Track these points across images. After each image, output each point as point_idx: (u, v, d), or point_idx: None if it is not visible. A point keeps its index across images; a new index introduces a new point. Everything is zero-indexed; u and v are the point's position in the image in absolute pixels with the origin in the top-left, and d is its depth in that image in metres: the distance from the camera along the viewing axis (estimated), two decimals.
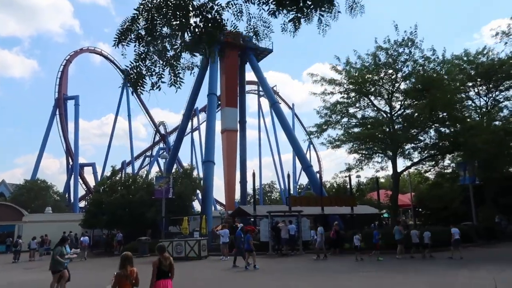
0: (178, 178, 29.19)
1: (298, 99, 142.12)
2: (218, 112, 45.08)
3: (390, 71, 19.29)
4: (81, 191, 56.15)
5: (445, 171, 26.49)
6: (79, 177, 53.41)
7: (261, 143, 67.97)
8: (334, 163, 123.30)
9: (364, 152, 20.90)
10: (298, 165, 76.45)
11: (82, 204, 56.13)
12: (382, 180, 60.91)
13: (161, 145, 71.28)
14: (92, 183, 57.31)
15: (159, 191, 25.26)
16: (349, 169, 21.52)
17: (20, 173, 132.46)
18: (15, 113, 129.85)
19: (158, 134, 70.28)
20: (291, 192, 72.66)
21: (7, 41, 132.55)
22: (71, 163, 53.89)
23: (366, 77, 18.83)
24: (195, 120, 66.24)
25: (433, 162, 23.79)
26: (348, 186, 40.10)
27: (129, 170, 56.93)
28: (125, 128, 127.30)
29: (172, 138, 68.25)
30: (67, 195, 55.10)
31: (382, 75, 19.21)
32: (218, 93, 41.41)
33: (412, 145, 20.27)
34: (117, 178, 30.53)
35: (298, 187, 79.85)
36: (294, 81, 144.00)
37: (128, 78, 5.13)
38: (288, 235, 19.00)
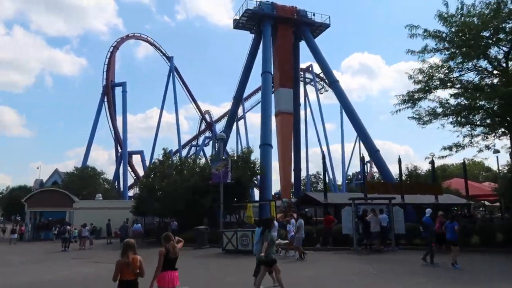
0: (234, 162, 26.34)
1: None
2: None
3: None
4: (130, 180, 55.37)
5: None
6: (128, 165, 52.49)
7: (307, 132, 63.62)
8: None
9: (475, 124, 16.80)
10: (347, 155, 72.12)
11: (131, 193, 55.33)
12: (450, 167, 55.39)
13: (207, 133, 69.30)
14: (141, 172, 56.53)
15: (217, 175, 22.50)
16: (449, 147, 17.45)
17: (72, 165, 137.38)
18: (66, 108, 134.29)
19: (204, 122, 68.22)
20: (338, 182, 68.71)
21: (57, 41, 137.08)
22: (120, 151, 53.05)
23: (485, 26, 14.61)
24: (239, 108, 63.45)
25: None
26: (420, 172, 36.21)
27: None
28: (168, 121, 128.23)
29: (218, 127, 66.21)
30: (116, 183, 54.46)
31: (502, 25, 14.94)
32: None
33: None
34: (169, 162, 28.18)
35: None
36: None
37: None
38: (379, 227, 15.50)
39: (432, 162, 24.52)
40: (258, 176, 29.70)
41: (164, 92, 58.06)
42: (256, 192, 44.13)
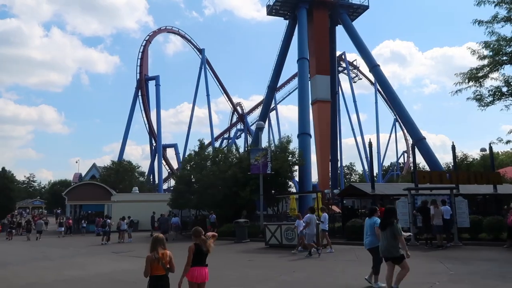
0: (272, 153, 25.22)
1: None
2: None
3: None
4: (164, 173, 55.54)
5: None
6: (162, 159, 52.55)
7: (341, 122, 61.52)
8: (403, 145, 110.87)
9: None
10: (382, 146, 69.17)
11: (165, 186, 55.54)
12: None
13: (239, 126, 68.47)
14: (175, 165, 56.60)
15: (256, 166, 21.49)
16: None
17: (109, 159, 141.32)
18: (102, 105, 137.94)
19: (236, 114, 67.34)
20: (373, 173, 65.72)
21: (92, 40, 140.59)
22: (154, 144, 53.17)
23: None
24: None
25: None
26: (470, 160, 33.76)
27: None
28: (198, 116, 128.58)
29: (249, 119, 65.20)
30: (151, 177, 54.79)
31: None
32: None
33: None
34: (206, 153, 27.47)
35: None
36: (360, 61, 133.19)
37: None
38: (441, 220, 13.93)
39: (490, 149, 22.43)
40: (296, 167, 28.51)
41: (196, 84, 57.83)
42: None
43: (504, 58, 15.11)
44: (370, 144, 20.28)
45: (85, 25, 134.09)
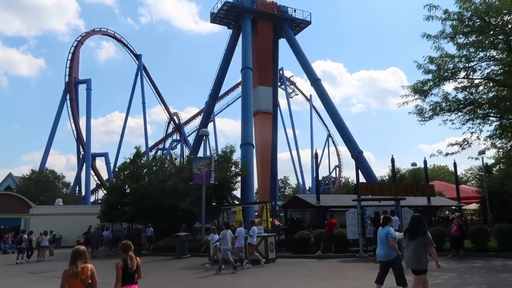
0: (216, 162, 24.10)
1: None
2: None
3: None
4: (92, 184, 51.40)
5: None
6: (91, 168, 48.57)
7: (278, 137, 62.42)
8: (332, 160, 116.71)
9: (490, 116, 15.65)
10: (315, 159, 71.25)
11: (92, 198, 51.41)
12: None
13: (175, 136, 66.25)
14: (104, 176, 52.82)
15: (199, 176, 20.21)
16: (461, 145, 16.15)
17: (27, 170, 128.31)
18: (23, 111, 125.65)
19: (173, 123, 65.01)
20: (305, 186, 67.49)
21: (14, 40, 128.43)
22: (82, 152, 49.06)
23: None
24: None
25: None
26: (403, 173, 35.49)
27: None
28: (131, 126, 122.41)
29: (186, 130, 63.46)
30: (77, 188, 50.37)
31: None
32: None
33: None
34: (142, 161, 25.54)
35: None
36: (296, 78, 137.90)
37: None
38: None
39: (425, 163, 23.61)
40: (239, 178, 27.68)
41: (131, 91, 54.95)
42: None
43: (446, 74, 15.84)
44: (316, 155, 20.19)
45: (5, 24, 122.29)
